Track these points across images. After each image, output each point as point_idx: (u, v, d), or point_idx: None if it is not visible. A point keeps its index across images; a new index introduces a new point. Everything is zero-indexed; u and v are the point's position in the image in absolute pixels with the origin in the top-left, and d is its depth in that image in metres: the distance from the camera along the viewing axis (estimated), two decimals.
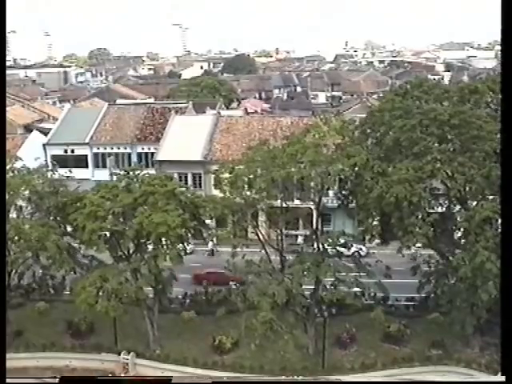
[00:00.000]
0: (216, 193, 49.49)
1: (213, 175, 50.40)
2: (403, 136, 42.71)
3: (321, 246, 46.02)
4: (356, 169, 43.49)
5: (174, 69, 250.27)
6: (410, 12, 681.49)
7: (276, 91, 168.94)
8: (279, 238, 46.73)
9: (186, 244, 46.79)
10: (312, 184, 45.70)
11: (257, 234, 46.35)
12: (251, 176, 44.41)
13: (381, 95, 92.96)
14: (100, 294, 42.37)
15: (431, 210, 43.77)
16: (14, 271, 47.25)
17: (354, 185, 45.32)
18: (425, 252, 46.02)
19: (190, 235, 46.67)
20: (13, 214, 47.74)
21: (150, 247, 45.95)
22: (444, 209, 45.61)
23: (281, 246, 46.55)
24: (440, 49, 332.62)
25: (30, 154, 63.14)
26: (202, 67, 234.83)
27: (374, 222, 45.08)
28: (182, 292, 53.43)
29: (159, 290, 47.08)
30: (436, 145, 42.45)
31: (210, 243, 61.77)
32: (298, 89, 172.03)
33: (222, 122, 76.26)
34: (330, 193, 51.71)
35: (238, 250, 44.90)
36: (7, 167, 47.89)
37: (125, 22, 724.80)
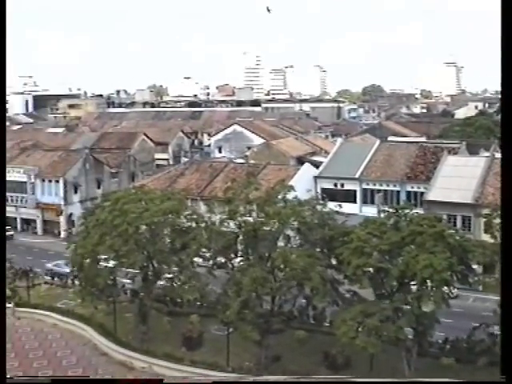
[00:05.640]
0: (486, 237, 47.69)
1: (483, 219, 48.70)
2: None
3: None
4: None
5: (447, 108, 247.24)
6: None
7: None
8: None
9: (451, 288, 45.55)
10: None
11: None
12: None
13: None
14: (360, 329, 42.50)
15: None
16: (277, 297, 48.56)
17: None
18: None
19: (455, 279, 45.39)
20: (281, 243, 49.15)
21: (414, 287, 45.29)
22: None
23: None
24: None
25: (300, 185, 64.97)
26: (476, 107, 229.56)
27: None
28: (443, 337, 51.88)
29: (420, 332, 46.17)
30: None
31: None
32: None
33: (496, 165, 73.50)
34: None
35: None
36: (279, 196, 49.58)
37: (398, 58, 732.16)
